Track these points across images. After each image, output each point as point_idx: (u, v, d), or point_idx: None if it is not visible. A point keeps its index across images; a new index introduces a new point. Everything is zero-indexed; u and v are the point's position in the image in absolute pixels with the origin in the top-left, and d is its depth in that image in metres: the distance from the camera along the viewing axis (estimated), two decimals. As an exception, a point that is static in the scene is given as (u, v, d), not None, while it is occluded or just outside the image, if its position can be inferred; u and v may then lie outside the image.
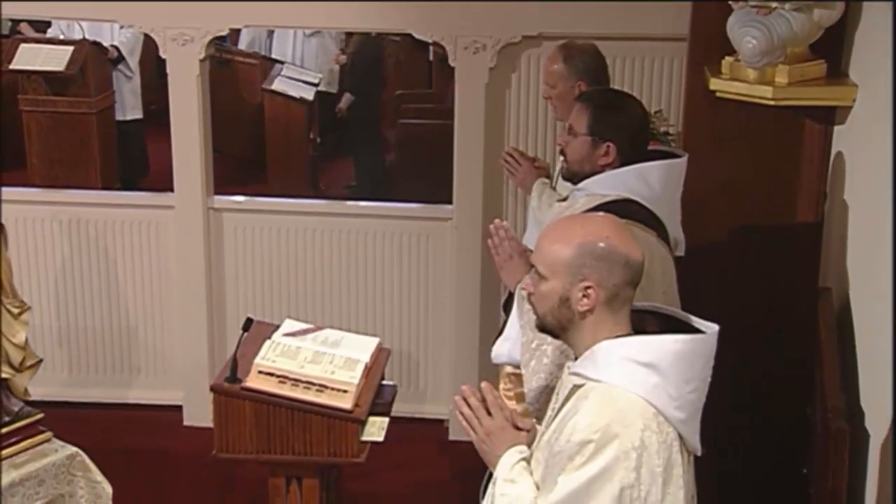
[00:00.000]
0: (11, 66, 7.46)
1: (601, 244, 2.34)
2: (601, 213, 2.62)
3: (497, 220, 3.22)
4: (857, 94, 3.72)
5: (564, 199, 3.52)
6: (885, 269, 3.03)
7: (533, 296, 2.45)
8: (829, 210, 4.02)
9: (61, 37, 7.77)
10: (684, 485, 2.36)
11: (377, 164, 8.91)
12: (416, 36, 5.31)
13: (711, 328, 2.39)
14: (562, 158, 3.40)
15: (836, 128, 3.96)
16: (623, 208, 2.96)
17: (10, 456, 3.78)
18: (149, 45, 6.91)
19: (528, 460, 2.48)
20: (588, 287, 2.33)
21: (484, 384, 2.56)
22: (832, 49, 3.85)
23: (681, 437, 2.36)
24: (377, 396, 3.75)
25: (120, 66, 7.97)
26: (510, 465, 2.46)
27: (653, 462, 2.28)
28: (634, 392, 2.30)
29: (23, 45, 7.54)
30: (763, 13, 3.65)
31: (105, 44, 7.77)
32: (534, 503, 2.37)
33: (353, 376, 3.62)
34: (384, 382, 3.86)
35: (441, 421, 5.54)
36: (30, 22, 8.43)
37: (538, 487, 2.40)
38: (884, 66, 3.31)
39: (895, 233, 2.81)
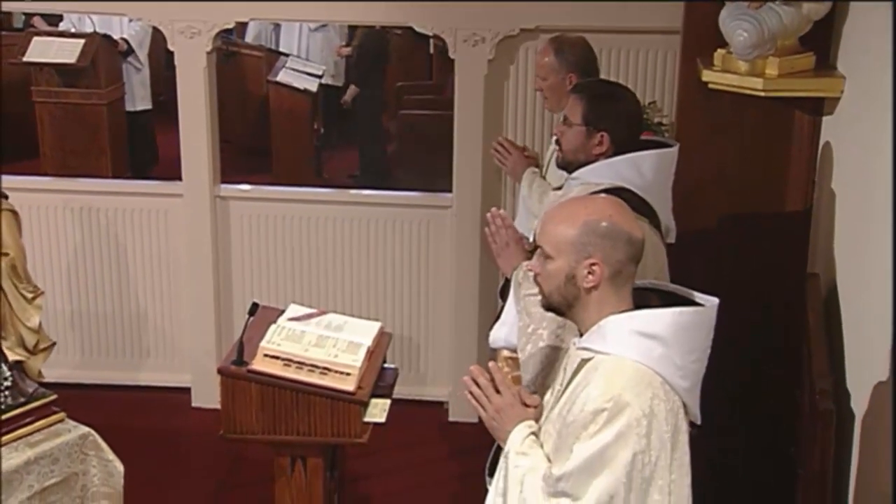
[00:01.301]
0: (25, 59, 7.50)
1: (604, 223, 2.41)
2: (602, 195, 2.67)
3: (494, 209, 3.24)
4: (844, 85, 3.75)
5: (559, 189, 3.56)
6: (870, 255, 3.07)
7: (539, 276, 2.50)
8: (817, 198, 4.04)
9: (73, 30, 7.80)
10: (689, 451, 2.44)
11: (379, 154, 8.93)
12: (417, 29, 5.37)
13: (711, 301, 2.46)
14: (557, 147, 3.44)
15: (824, 118, 3.98)
16: (616, 196, 3.04)
17: (26, 435, 3.80)
18: (157, 37, 6.96)
19: (537, 434, 2.53)
20: (593, 264, 2.40)
21: (491, 364, 2.62)
22: (821, 42, 3.88)
23: (684, 405, 2.43)
24: (379, 379, 3.74)
25: (129, 59, 8.03)
26: (521, 439, 2.51)
27: (661, 428, 2.35)
28: (642, 362, 2.37)
29: (35, 39, 7.58)
30: (754, 7, 3.68)
31: (115, 37, 7.83)
32: (548, 472, 2.41)
33: (356, 359, 3.62)
34: (386, 365, 3.86)
35: (441, 403, 5.58)
36: (42, 16, 8.52)
37: (549, 459, 2.46)
38: (869, 58, 3.35)
39: (895, 222, 2.84)
